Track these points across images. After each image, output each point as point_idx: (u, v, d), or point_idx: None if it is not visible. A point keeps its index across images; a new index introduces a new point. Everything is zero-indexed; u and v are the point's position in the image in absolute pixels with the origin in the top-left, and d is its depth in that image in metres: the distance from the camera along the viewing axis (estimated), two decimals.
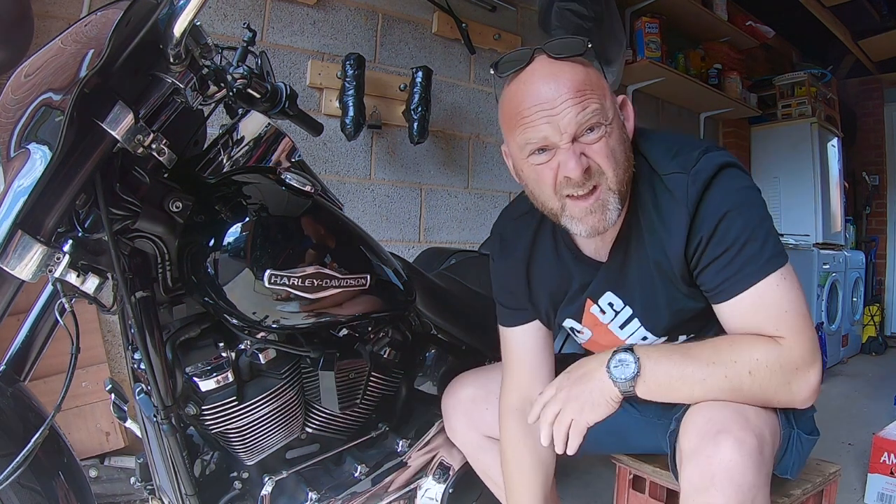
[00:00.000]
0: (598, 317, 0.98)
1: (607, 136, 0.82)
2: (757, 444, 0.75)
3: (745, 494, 0.73)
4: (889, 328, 4.55)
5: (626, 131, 0.87)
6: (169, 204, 0.88)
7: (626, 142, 0.86)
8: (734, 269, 0.81)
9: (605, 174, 0.82)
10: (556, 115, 0.80)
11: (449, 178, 2.53)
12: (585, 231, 0.84)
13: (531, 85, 0.82)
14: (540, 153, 0.83)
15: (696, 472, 0.76)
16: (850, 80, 4.68)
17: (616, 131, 0.83)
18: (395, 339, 1.16)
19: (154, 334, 0.87)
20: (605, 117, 0.81)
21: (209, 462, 1.03)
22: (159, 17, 0.79)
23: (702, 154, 0.83)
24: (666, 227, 0.85)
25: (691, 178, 0.82)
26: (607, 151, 0.82)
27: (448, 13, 2.19)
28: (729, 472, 0.73)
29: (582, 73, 0.82)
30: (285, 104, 1.07)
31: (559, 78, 0.81)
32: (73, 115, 0.72)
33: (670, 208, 0.84)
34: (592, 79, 0.83)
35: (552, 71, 0.82)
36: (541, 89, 0.81)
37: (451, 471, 1.22)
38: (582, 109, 0.80)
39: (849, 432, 2.42)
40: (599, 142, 0.81)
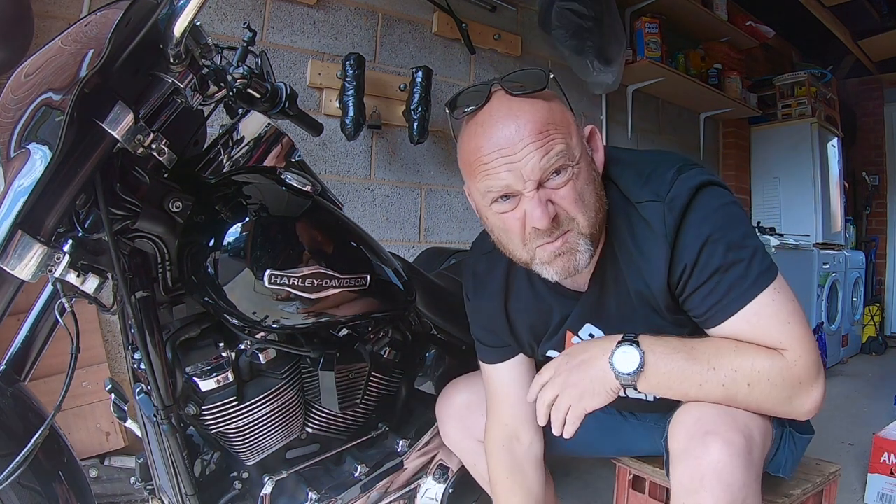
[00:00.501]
0: None
1: (574, 179, 0.76)
2: (745, 444, 0.74)
3: (734, 495, 0.73)
4: (889, 328, 4.54)
5: (594, 167, 0.82)
6: (169, 204, 0.88)
7: (596, 179, 0.81)
8: (721, 294, 0.78)
9: (575, 220, 0.78)
10: (517, 161, 0.74)
11: (449, 178, 2.53)
12: (556, 275, 0.81)
13: (489, 128, 0.76)
14: (503, 200, 0.78)
15: (685, 473, 0.76)
16: (850, 80, 4.68)
17: (584, 170, 0.78)
18: (395, 339, 1.16)
19: (154, 334, 0.87)
20: (571, 157, 0.76)
21: (209, 462, 1.03)
22: (159, 17, 0.79)
23: (675, 177, 0.79)
24: (645, 257, 0.81)
25: (667, 206, 0.78)
26: (575, 196, 0.76)
27: (448, 13, 2.19)
28: (718, 473, 0.73)
29: (544, 110, 0.76)
30: (285, 104, 1.06)
31: (519, 119, 0.75)
32: (73, 115, 0.72)
33: (647, 238, 0.80)
34: (556, 116, 0.77)
35: (511, 111, 0.76)
36: (500, 132, 0.75)
37: (451, 471, 1.22)
38: (545, 153, 0.74)
39: (849, 432, 2.42)
40: (566, 186, 0.76)
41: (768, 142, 4.06)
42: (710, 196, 0.79)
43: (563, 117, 0.78)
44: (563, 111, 0.79)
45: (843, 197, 4.18)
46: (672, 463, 0.79)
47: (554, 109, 0.78)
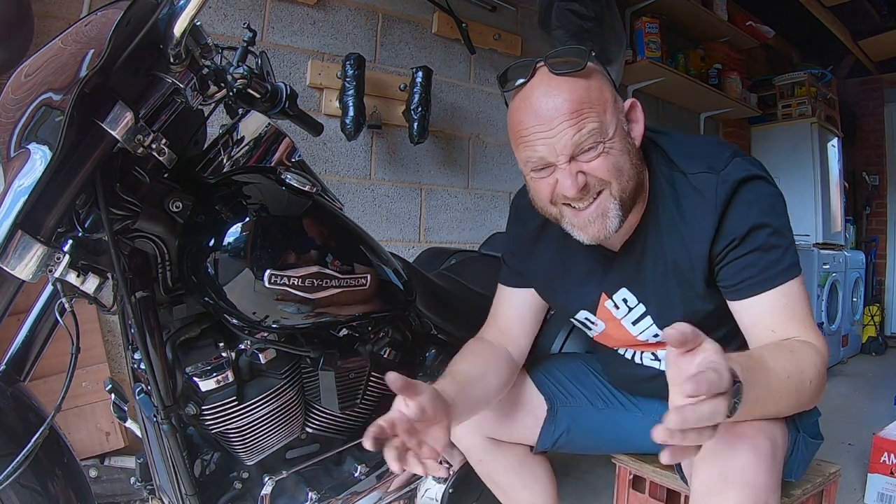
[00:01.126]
0: (611, 311, 0.99)
1: (606, 153, 0.81)
2: (770, 448, 0.76)
3: (758, 496, 0.73)
4: (889, 328, 4.55)
5: (631, 140, 0.85)
6: (169, 204, 0.88)
7: (632, 150, 0.85)
8: (756, 271, 0.82)
9: (608, 183, 0.83)
10: (552, 136, 0.80)
11: (449, 178, 2.53)
12: (587, 239, 0.86)
13: (530, 104, 0.82)
14: (540, 169, 0.84)
15: (711, 472, 0.76)
16: (850, 80, 4.67)
17: (619, 144, 0.82)
18: (395, 339, 1.16)
19: (154, 334, 0.87)
20: (603, 135, 0.81)
21: (209, 462, 1.03)
22: (159, 17, 0.79)
23: (731, 157, 0.84)
24: (689, 225, 0.85)
25: (720, 179, 0.82)
26: (607, 166, 0.82)
27: (448, 13, 2.18)
28: (745, 475, 0.74)
29: (581, 89, 0.81)
30: (285, 104, 1.06)
31: (556, 97, 0.80)
32: (73, 115, 0.72)
33: (696, 206, 0.84)
34: (593, 94, 0.81)
35: (550, 89, 0.81)
36: (538, 109, 0.81)
37: (452, 471, 1.22)
38: (578, 131, 0.79)
39: (849, 432, 2.42)
40: (597, 159, 0.81)
41: (768, 142, 4.06)
42: (764, 184, 0.84)
43: (599, 95, 0.82)
44: (602, 88, 0.83)
45: (843, 197, 4.17)
46: (695, 463, 0.79)
47: (591, 88, 0.82)
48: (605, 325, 1.02)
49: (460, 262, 1.62)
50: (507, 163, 2.73)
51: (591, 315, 1.02)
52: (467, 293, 1.39)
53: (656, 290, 0.92)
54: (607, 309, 0.99)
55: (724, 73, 3.56)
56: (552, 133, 0.80)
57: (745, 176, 0.82)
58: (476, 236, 2.57)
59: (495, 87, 2.82)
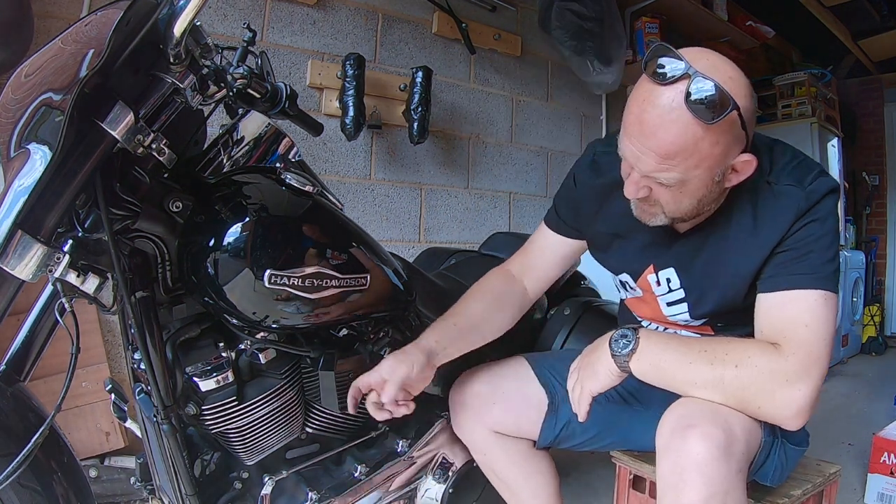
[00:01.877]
0: (652, 285, 1.01)
1: (677, 191, 0.82)
2: (724, 437, 0.75)
3: (715, 487, 0.73)
4: (889, 328, 4.55)
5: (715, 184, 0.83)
6: (169, 204, 0.88)
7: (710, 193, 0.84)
8: (790, 268, 0.83)
9: (663, 207, 0.85)
10: (636, 153, 0.80)
11: (449, 178, 2.53)
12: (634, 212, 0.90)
13: (643, 110, 0.78)
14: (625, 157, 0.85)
15: (667, 467, 0.78)
16: (850, 80, 4.67)
17: (695, 190, 0.82)
18: (395, 339, 1.16)
19: (154, 334, 0.87)
20: (682, 185, 0.81)
21: (209, 462, 1.03)
22: (159, 17, 0.79)
23: (817, 175, 0.85)
24: (758, 230, 0.86)
25: (806, 193, 0.84)
26: (671, 199, 0.84)
27: (448, 13, 2.19)
28: (698, 466, 0.74)
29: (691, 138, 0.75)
30: (285, 104, 1.06)
31: (658, 132, 0.76)
32: (73, 115, 0.72)
33: (773, 215, 0.85)
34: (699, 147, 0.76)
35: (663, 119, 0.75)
36: (642, 126, 0.78)
37: (452, 471, 1.22)
38: (659, 171, 0.79)
39: (849, 432, 2.42)
40: (666, 190, 0.83)
41: None
42: (833, 201, 0.86)
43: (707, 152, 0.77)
44: (716, 144, 0.77)
45: (843, 197, 4.17)
46: (657, 459, 0.80)
47: (704, 141, 0.76)
48: (642, 293, 1.05)
49: (460, 262, 1.62)
50: (507, 163, 2.73)
51: (631, 280, 1.05)
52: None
53: (701, 281, 0.94)
54: (649, 282, 1.01)
55: None
56: (640, 151, 0.80)
57: (826, 193, 0.84)
58: (476, 236, 2.57)
59: (495, 88, 2.84)
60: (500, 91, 2.70)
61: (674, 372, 0.83)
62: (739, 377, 0.79)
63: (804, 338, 0.80)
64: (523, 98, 2.79)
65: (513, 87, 2.75)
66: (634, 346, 0.85)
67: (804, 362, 0.78)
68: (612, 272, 1.10)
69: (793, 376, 0.78)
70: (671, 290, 0.99)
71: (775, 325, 0.82)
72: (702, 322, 1.00)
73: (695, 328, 1.02)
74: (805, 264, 0.82)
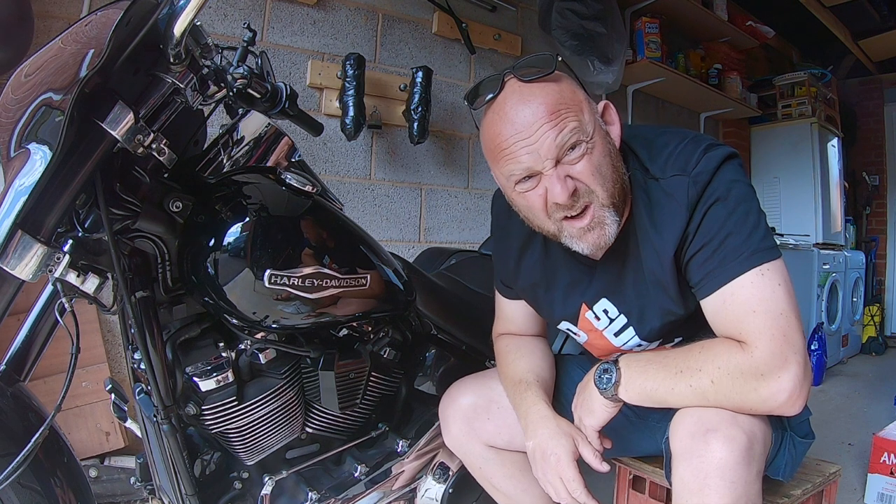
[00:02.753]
0: (592, 322, 0.98)
1: (589, 153, 0.80)
2: (747, 441, 0.75)
3: (738, 491, 0.73)
4: (889, 328, 4.54)
5: (610, 140, 0.84)
6: (169, 204, 0.88)
7: (612, 151, 0.84)
8: (716, 263, 0.79)
9: (594, 192, 0.81)
10: (534, 142, 0.78)
11: (449, 178, 2.53)
12: (588, 249, 0.84)
13: (505, 114, 0.80)
14: (526, 181, 0.82)
15: (688, 472, 0.76)
16: (850, 80, 4.67)
17: (599, 143, 0.81)
18: (395, 339, 1.16)
19: (154, 334, 0.87)
20: (584, 133, 0.80)
21: (209, 462, 1.03)
22: (159, 17, 0.79)
23: (702, 154, 0.82)
24: (658, 230, 0.84)
25: (692, 179, 0.80)
26: (592, 169, 0.80)
27: (448, 13, 2.18)
28: (721, 471, 0.73)
29: (554, 92, 0.80)
30: (285, 104, 1.06)
31: (531, 102, 0.79)
32: (73, 115, 0.72)
33: (667, 211, 0.83)
34: (566, 95, 0.80)
35: (523, 96, 0.80)
36: (515, 118, 0.79)
37: (451, 471, 1.22)
38: (559, 131, 0.78)
39: (849, 432, 2.42)
40: (582, 160, 0.80)
41: (768, 142, 4.06)
42: (729, 170, 0.82)
43: (573, 96, 0.81)
44: (574, 90, 0.82)
45: (843, 197, 4.17)
46: (674, 462, 0.79)
47: (564, 90, 0.81)
48: (588, 336, 1.02)
49: (460, 262, 1.61)
50: None
51: (572, 326, 1.02)
52: (467, 293, 1.39)
53: (637, 300, 0.91)
54: (588, 320, 0.98)
55: (724, 73, 3.55)
56: (534, 139, 0.78)
57: (715, 169, 0.80)
58: (476, 236, 2.57)
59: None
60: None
61: (663, 397, 0.81)
62: (719, 389, 0.77)
63: (759, 325, 0.76)
64: None
65: None
66: (617, 378, 0.83)
67: (770, 349, 0.75)
68: (553, 325, 1.08)
69: (765, 369, 0.75)
70: (612, 320, 0.96)
71: (729, 326, 0.79)
72: (657, 343, 0.96)
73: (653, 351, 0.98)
74: (727, 251, 0.78)
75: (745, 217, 0.79)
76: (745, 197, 0.81)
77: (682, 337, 0.96)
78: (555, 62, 0.81)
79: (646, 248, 0.86)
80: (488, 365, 1.30)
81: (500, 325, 1.15)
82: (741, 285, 0.78)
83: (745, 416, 0.78)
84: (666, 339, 0.96)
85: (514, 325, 1.12)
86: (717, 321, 0.81)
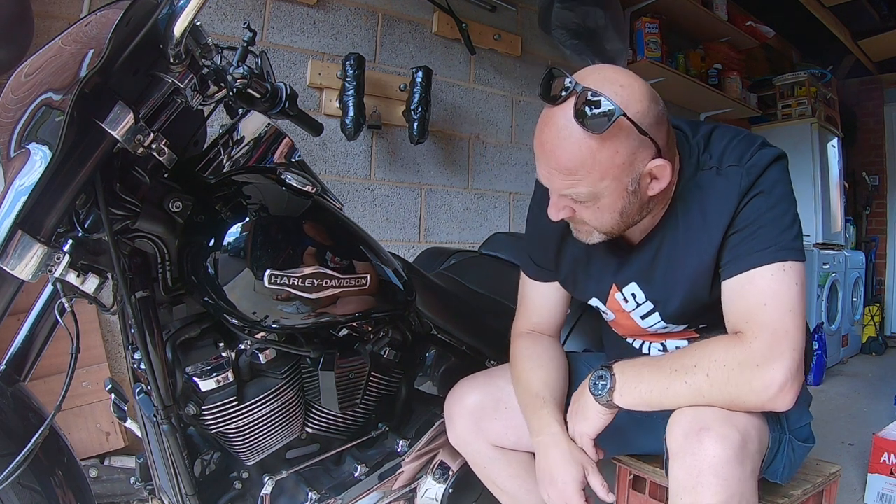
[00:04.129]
0: (621, 304, 1.00)
1: (595, 207, 0.83)
2: (741, 439, 0.75)
3: (732, 489, 0.73)
4: (889, 328, 4.55)
5: (639, 194, 0.83)
6: (169, 204, 0.88)
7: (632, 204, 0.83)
8: (745, 249, 0.82)
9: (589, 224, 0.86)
10: (548, 172, 0.82)
11: (449, 178, 2.53)
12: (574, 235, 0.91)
13: (542, 132, 0.81)
14: None
15: (682, 470, 0.77)
16: (850, 80, 4.67)
17: (613, 203, 0.82)
18: (395, 339, 1.16)
19: (154, 334, 0.87)
20: (594, 199, 0.81)
21: (209, 462, 1.03)
22: (159, 17, 0.79)
23: (758, 149, 0.84)
24: (708, 220, 0.85)
25: (745, 170, 0.83)
26: (593, 216, 0.84)
27: (448, 13, 2.18)
28: (714, 468, 0.74)
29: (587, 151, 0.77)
30: (285, 104, 1.06)
31: (558, 149, 0.79)
32: (73, 115, 0.72)
33: (721, 200, 0.84)
34: (599, 159, 0.77)
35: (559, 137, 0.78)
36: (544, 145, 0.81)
37: (451, 471, 1.22)
38: (569, 187, 0.80)
39: (849, 432, 2.42)
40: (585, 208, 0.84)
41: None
42: (778, 169, 0.84)
43: (607, 162, 0.78)
44: (616, 152, 0.78)
45: (843, 197, 4.17)
46: (670, 461, 0.80)
47: (602, 151, 0.77)
48: (615, 315, 1.03)
49: (460, 262, 1.62)
50: (507, 163, 2.73)
51: (601, 304, 1.04)
52: (467, 293, 1.39)
53: (665, 290, 0.93)
54: (616, 301, 1.00)
55: (724, 73, 3.55)
56: (548, 172, 0.82)
57: (768, 164, 0.82)
58: (476, 236, 2.57)
59: (495, 88, 2.84)
60: (500, 91, 2.70)
61: (658, 398, 0.82)
62: (714, 383, 0.78)
63: (765, 318, 0.78)
64: (523, 98, 2.79)
65: (513, 88, 2.75)
66: (612, 384, 0.85)
67: (769, 342, 0.77)
68: (584, 300, 1.08)
69: (761, 360, 0.76)
70: (639, 305, 0.97)
71: (739, 311, 0.81)
72: (683, 327, 0.98)
73: (678, 335, 1.01)
74: (758, 241, 0.81)
75: (783, 215, 0.82)
76: (786, 197, 0.83)
77: (706, 324, 0.96)
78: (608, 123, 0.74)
79: (689, 238, 0.88)
80: (488, 365, 1.30)
81: (521, 320, 1.13)
82: (761, 275, 0.80)
83: (740, 415, 0.78)
84: (692, 324, 0.97)
85: (537, 315, 1.11)
86: (730, 305, 0.83)
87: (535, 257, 1.09)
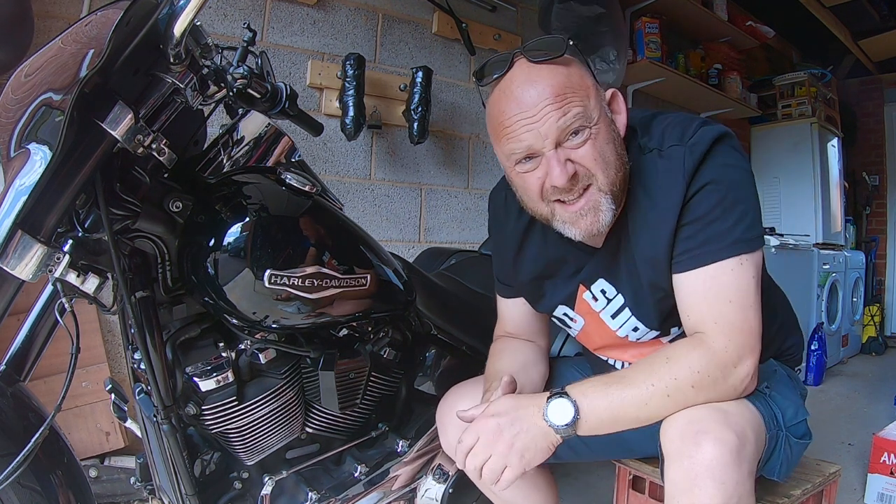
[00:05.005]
0: (590, 304, 0.98)
1: (593, 139, 0.80)
2: (738, 441, 0.75)
3: (728, 492, 0.73)
4: (889, 328, 4.55)
5: (615, 128, 0.85)
6: (169, 204, 0.88)
7: (616, 139, 0.84)
8: (697, 242, 0.81)
9: (595, 175, 0.81)
10: (536, 122, 0.79)
11: (449, 178, 2.53)
12: (579, 235, 0.85)
13: (511, 93, 0.81)
14: (526, 161, 0.82)
15: (678, 472, 0.76)
16: (850, 80, 4.67)
17: (604, 130, 0.82)
18: (395, 339, 1.16)
19: (154, 334, 0.87)
20: (588, 119, 0.80)
21: (209, 462, 1.03)
22: (159, 17, 0.79)
23: (699, 127, 0.83)
24: (656, 204, 0.84)
25: (688, 149, 0.81)
26: (594, 154, 0.80)
27: (448, 13, 2.17)
28: (712, 471, 0.73)
29: (562, 75, 0.80)
30: (285, 104, 1.06)
31: (537, 83, 0.79)
32: (73, 115, 0.72)
33: (666, 183, 0.83)
34: (574, 80, 0.81)
35: (530, 76, 0.80)
36: (520, 97, 0.80)
37: (451, 471, 1.22)
38: (563, 115, 0.78)
39: (849, 432, 2.42)
40: (584, 145, 0.80)
41: (768, 142, 4.06)
42: (725, 152, 0.82)
43: (581, 81, 0.81)
44: (582, 75, 0.82)
45: (843, 197, 4.18)
46: (666, 463, 0.79)
47: (572, 74, 0.81)
48: (584, 320, 1.01)
49: (460, 262, 1.62)
50: None
51: (569, 311, 1.02)
52: (467, 293, 1.39)
53: (629, 280, 0.91)
54: (586, 301, 0.98)
55: (724, 73, 3.55)
56: (536, 118, 0.79)
57: (711, 143, 0.81)
58: (476, 236, 2.57)
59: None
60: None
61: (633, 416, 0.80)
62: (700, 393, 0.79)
63: (732, 317, 0.79)
64: None
65: None
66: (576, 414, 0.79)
67: (738, 342, 0.79)
68: (549, 313, 1.06)
69: (736, 360, 0.79)
70: (609, 301, 0.95)
71: (701, 309, 0.81)
72: (656, 334, 0.96)
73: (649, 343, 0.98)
74: (710, 234, 0.80)
75: (736, 204, 0.80)
76: (738, 183, 0.82)
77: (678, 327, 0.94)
78: (566, 45, 0.81)
79: (639, 225, 0.87)
80: None
81: (499, 327, 1.14)
82: (721, 270, 0.80)
83: (737, 417, 0.78)
84: (664, 329, 0.95)
85: (511, 325, 1.11)
86: (691, 301, 0.83)
87: (500, 274, 1.09)
